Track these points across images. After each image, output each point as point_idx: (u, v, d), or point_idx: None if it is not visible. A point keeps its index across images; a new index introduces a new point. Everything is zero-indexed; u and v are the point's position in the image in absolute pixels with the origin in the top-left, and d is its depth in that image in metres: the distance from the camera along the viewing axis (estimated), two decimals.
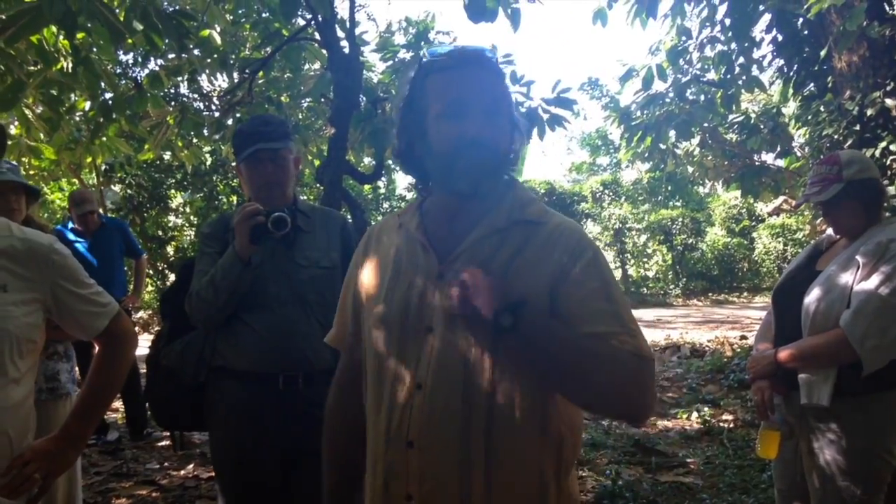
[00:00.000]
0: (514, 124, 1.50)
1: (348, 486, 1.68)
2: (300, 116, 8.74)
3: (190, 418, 2.59)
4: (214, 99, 8.75)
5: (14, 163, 3.40)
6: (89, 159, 8.14)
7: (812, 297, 2.46)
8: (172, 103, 7.98)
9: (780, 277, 2.85)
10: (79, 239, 5.82)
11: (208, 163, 12.91)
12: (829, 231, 2.73)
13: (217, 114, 7.97)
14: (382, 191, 19.13)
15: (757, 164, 12.08)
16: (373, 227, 1.71)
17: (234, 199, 15.61)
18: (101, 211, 6.10)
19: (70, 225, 5.98)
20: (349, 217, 8.27)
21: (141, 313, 14.11)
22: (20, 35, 3.62)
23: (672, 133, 9.41)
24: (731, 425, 5.81)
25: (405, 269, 1.51)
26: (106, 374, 2.01)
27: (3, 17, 3.85)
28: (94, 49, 5.53)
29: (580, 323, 1.37)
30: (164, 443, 5.78)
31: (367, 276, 1.60)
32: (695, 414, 6.16)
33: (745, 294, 20.06)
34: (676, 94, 8.97)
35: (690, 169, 13.35)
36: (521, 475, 1.40)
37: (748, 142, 10.98)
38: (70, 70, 5.24)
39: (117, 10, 4.25)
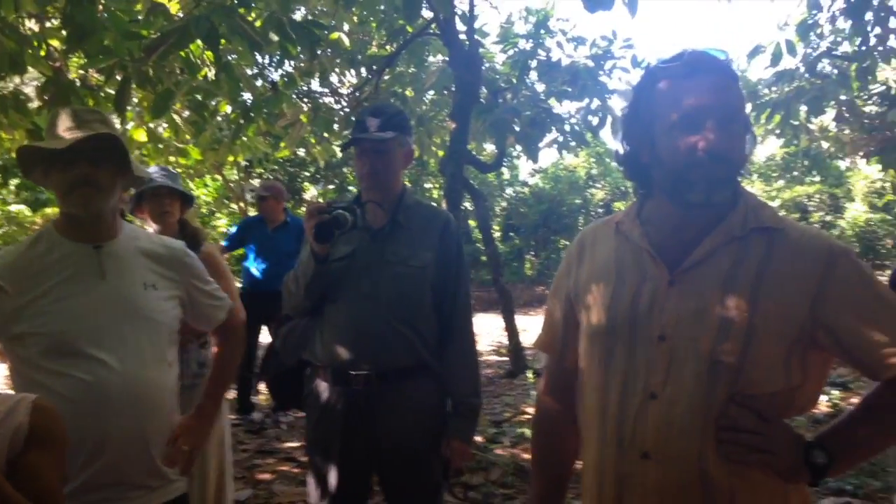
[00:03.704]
0: (747, 128, 1.42)
1: (557, 492, 1.71)
2: (424, 108, 9.00)
3: (294, 399, 2.66)
4: (343, 94, 9.12)
5: (174, 170, 3.76)
6: (231, 158, 8.69)
7: None
8: (304, 100, 8.39)
9: None
10: (261, 230, 6.37)
11: (338, 156, 13.41)
12: None
13: (346, 109, 8.35)
14: (506, 177, 19.25)
15: None
16: (585, 234, 1.66)
17: None
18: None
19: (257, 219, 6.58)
20: (472, 206, 8.51)
21: None
22: (170, 52, 3.98)
23: (803, 109, 9.09)
24: None
25: (629, 278, 1.46)
26: (226, 359, 2.33)
27: (155, 35, 4.25)
28: (234, 56, 5.95)
29: (855, 335, 1.32)
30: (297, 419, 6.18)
31: (586, 283, 1.55)
32: (824, 398, 6.01)
33: (889, 272, 19.00)
34: (807, 70, 8.66)
35: (825, 144, 12.79)
36: (763, 490, 1.36)
37: (889, 113, 10.42)
38: (213, 77, 5.65)
39: (255, 22, 4.58)
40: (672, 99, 1.39)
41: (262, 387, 7.50)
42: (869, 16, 7.54)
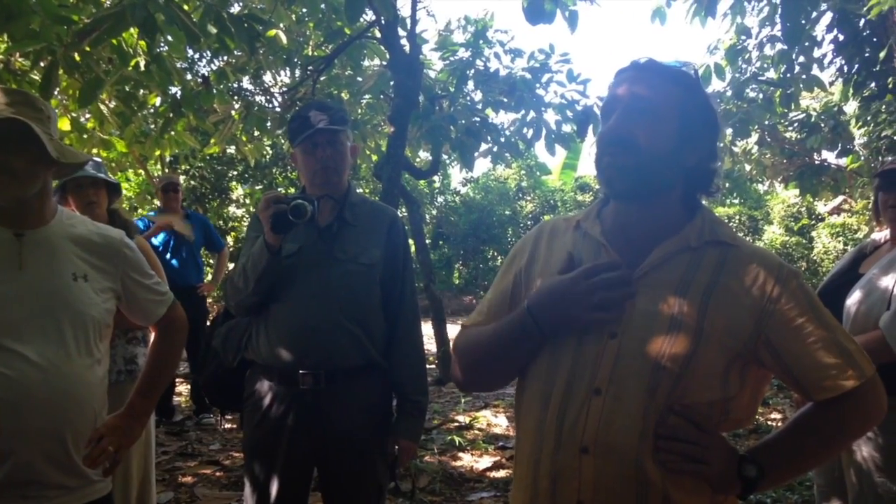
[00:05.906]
0: (694, 135, 1.42)
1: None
2: (359, 112, 8.94)
3: (233, 400, 2.58)
4: (276, 94, 8.99)
5: (98, 159, 3.63)
6: (157, 152, 8.45)
7: (853, 299, 2.54)
8: (236, 98, 8.23)
9: (824, 280, 2.92)
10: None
11: (268, 156, 13.20)
12: (875, 236, 2.80)
13: (279, 109, 8.22)
14: (437, 185, 19.27)
15: (817, 162, 11.89)
16: (545, 225, 1.66)
17: (292, 190, 15.96)
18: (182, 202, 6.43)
19: (152, 214, 6.38)
20: (405, 211, 8.49)
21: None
22: (103, 39, 3.84)
23: (729, 131, 9.36)
24: (779, 423, 5.83)
25: None
26: (164, 356, 2.20)
27: (87, 20, 4.10)
28: (166, 47, 5.80)
29: (795, 355, 1.35)
30: (228, 426, 6.04)
31: (540, 272, 1.55)
32: None
33: None
34: (734, 93, 8.94)
35: (748, 167, 13.20)
36: (695, 496, 1.38)
37: (808, 140, 10.82)
38: (144, 68, 5.49)
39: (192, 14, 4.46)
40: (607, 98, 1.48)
41: (181, 389, 7.34)
42: None
